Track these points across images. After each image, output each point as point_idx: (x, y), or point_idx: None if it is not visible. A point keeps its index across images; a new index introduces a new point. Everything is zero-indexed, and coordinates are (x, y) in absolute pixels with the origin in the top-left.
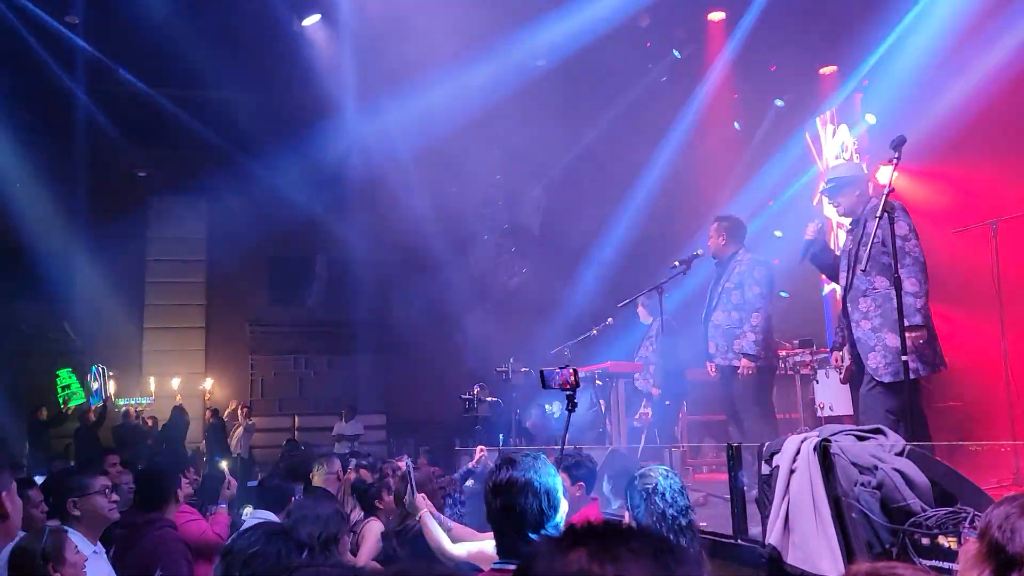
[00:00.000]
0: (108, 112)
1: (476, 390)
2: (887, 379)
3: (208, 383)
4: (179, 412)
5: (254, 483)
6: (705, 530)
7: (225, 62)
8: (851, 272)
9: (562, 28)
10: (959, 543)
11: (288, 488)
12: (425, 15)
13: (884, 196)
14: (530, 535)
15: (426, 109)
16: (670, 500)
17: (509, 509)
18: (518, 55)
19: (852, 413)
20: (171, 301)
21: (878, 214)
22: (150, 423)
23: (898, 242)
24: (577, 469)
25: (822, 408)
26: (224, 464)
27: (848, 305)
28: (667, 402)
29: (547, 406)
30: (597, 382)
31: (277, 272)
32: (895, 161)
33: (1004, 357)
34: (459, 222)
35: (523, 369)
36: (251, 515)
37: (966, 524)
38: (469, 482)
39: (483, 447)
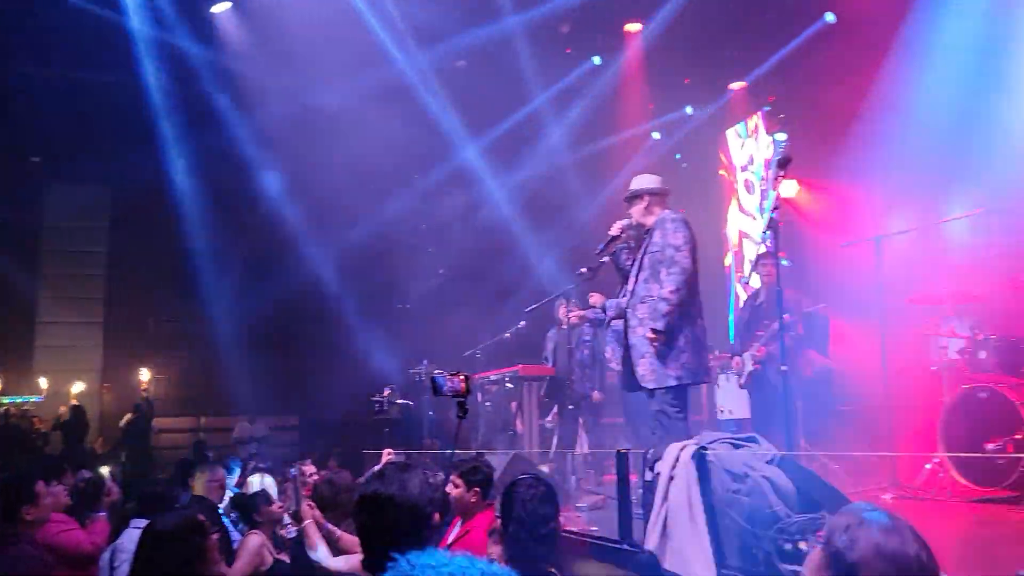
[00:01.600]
0: None
1: (387, 392)
2: (651, 385)
3: (144, 373)
4: (78, 412)
5: None
6: (595, 534)
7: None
8: (636, 279)
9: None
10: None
11: (169, 494)
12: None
13: (773, 210)
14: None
15: (338, 103)
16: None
17: (374, 523)
18: (436, 57)
19: (750, 416)
20: (67, 294)
21: (768, 228)
22: (37, 423)
23: (670, 251)
24: (473, 475)
25: (722, 412)
26: (105, 470)
27: (628, 311)
28: (570, 406)
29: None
30: (508, 385)
31: (184, 266)
32: (781, 178)
33: (884, 365)
34: (377, 222)
35: (436, 371)
36: (132, 524)
37: (822, 531)
38: None
39: (390, 450)
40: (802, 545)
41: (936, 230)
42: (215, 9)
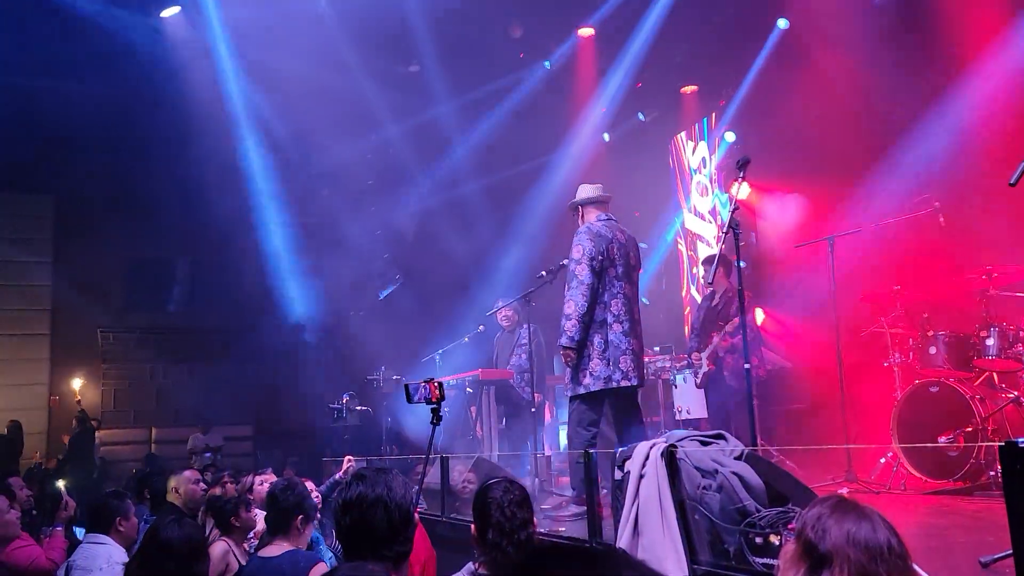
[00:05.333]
0: None
1: (345, 399)
2: (568, 393)
3: (76, 384)
4: (14, 428)
5: None
6: (562, 535)
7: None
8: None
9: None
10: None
11: (117, 507)
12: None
13: (731, 213)
14: (380, 552)
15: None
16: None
17: (359, 526)
18: (388, 60)
19: (707, 416)
20: (11, 305)
21: (724, 231)
22: None
23: (571, 265)
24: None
25: (680, 411)
26: (61, 484)
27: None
28: (533, 409)
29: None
30: (468, 390)
31: (134, 275)
32: (740, 180)
33: (839, 362)
34: (331, 229)
35: (395, 377)
36: (86, 539)
37: (793, 524)
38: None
39: (351, 457)
40: (772, 538)
41: (885, 229)
42: (165, 13)
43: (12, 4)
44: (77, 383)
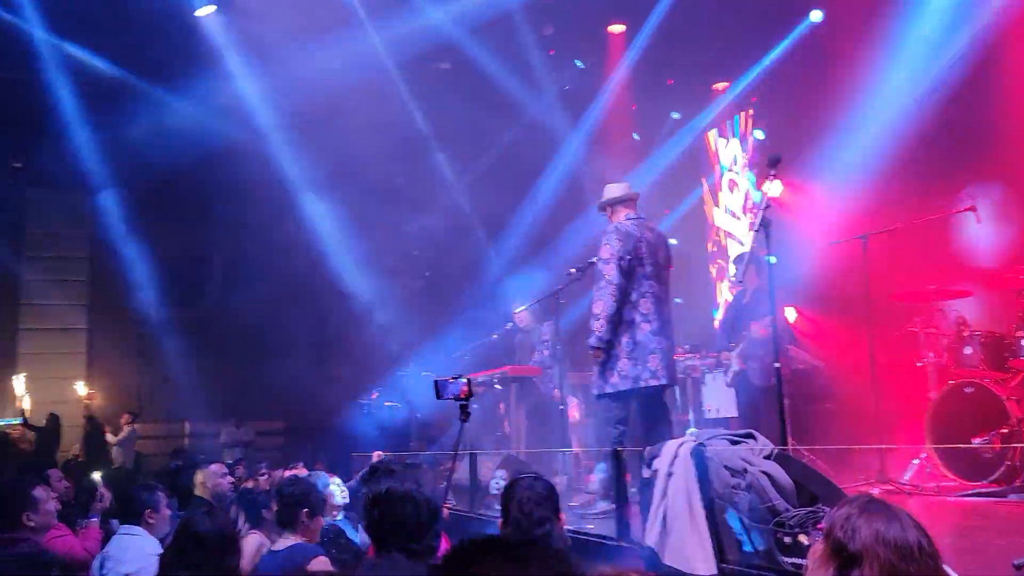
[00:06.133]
0: None
1: (374, 395)
2: (595, 392)
3: (80, 387)
4: (53, 421)
5: None
6: (591, 532)
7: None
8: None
9: (465, 30)
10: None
11: (147, 500)
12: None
13: (763, 210)
14: (408, 546)
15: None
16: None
17: (388, 519)
18: (420, 58)
19: (737, 415)
20: (50, 300)
21: (756, 228)
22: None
23: (599, 264)
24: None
25: (709, 410)
26: (97, 476)
27: None
28: (561, 407)
29: None
30: (496, 386)
31: (169, 270)
32: (772, 177)
33: (871, 361)
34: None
35: (423, 373)
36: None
37: (822, 524)
38: None
39: (380, 452)
40: (802, 538)
41: (921, 228)
42: (199, 12)
43: None
44: (80, 386)
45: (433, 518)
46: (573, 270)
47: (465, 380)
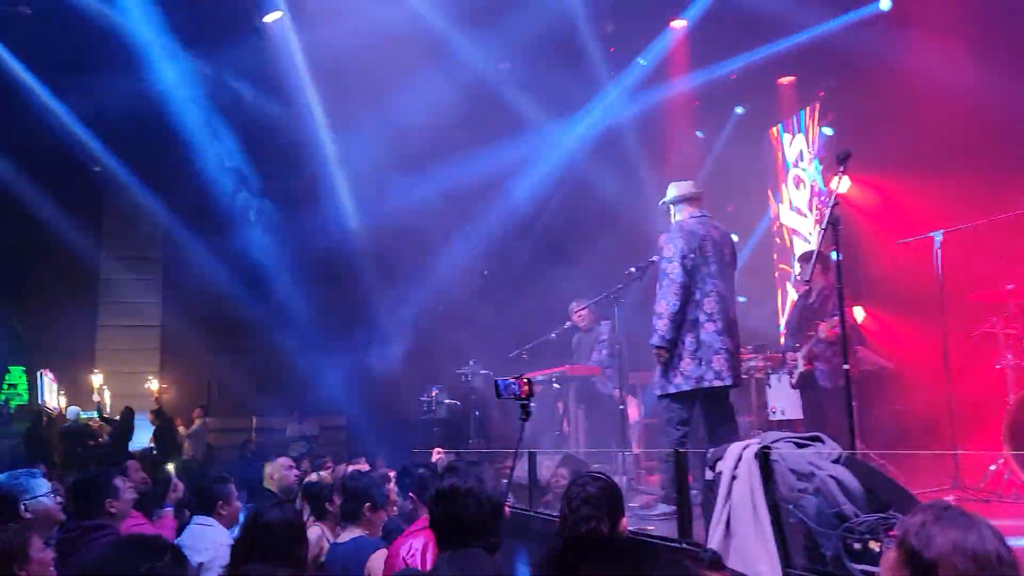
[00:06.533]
0: (70, 108)
1: (434, 392)
2: (657, 392)
3: (154, 383)
4: (127, 414)
5: None
6: (652, 533)
7: None
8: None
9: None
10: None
11: (220, 491)
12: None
13: (830, 207)
14: (471, 542)
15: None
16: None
17: (451, 516)
18: (480, 58)
19: (802, 417)
20: (126, 299)
21: (823, 226)
22: (96, 426)
23: (663, 264)
24: (404, 478)
25: (774, 412)
26: (171, 467)
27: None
28: (620, 406)
29: None
30: (555, 385)
31: (237, 269)
32: (841, 174)
33: (945, 363)
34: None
35: (483, 371)
36: (194, 521)
37: (895, 530)
38: None
39: (440, 449)
40: (872, 544)
41: (998, 225)
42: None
43: None
44: (154, 383)
45: (496, 515)
46: (632, 269)
47: (525, 379)
